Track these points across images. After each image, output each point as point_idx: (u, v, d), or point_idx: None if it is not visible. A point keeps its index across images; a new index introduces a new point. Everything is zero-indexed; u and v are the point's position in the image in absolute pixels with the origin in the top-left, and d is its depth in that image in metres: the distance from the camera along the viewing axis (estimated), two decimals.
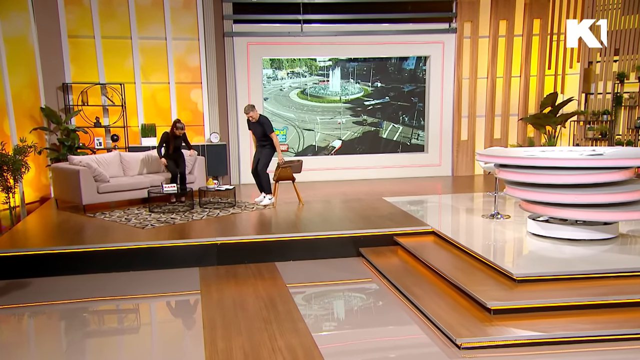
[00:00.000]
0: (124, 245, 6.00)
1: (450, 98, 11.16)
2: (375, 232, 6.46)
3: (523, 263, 5.19)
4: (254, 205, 8.11)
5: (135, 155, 8.92)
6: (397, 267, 5.71)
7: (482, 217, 6.95)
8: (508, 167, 5.80)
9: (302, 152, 10.96)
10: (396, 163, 11.22)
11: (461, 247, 5.60)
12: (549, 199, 5.47)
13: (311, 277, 5.79)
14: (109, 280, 5.72)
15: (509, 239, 5.88)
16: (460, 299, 4.65)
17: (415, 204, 8.38)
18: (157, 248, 6.03)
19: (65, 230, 6.76)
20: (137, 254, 6.00)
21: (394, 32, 10.77)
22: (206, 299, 5.08)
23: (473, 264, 5.22)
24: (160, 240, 6.11)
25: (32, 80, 9.09)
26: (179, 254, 6.08)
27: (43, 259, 5.82)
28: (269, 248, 6.26)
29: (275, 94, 10.76)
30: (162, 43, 10.17)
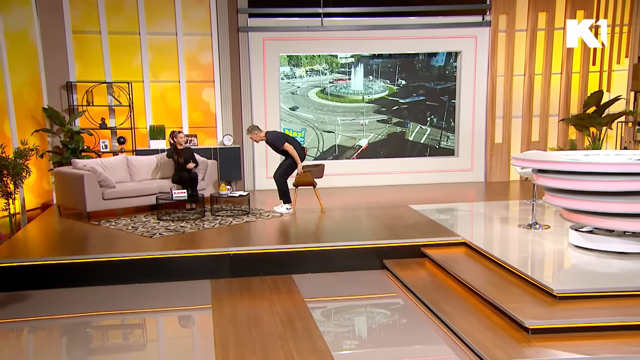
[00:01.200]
0: (130, 255, 6.05)
1: (483, 97, 11.07)
2: (400, 242, 6.43)
3: (564, 278, 5.12)
4: (269, 213, 8.12)
5: (143, 159, 9.01)
6: (424, 281, 5.67)
7: (519, 227, 6.88)
8: (547, 173, 5.73)
9: (321, 155, 10.96)
10: (424, 168, 11.16)
11: (495, 260, 5.54)
12: (593, 208, 5.38)
13: (331, 291, 5.76)
14: (113, 293, 5.76)
15: (548, 252, 5.80)
16: (494, 317, 4.59)
17: (444, 212, 8.32)
18: (165, 259, 6.07)
19: (67, 239, 6.84)
20: (144, 264, 6.03)
21: (422, 26, 10.73)
22: (218, 314, 5.08)
23: (508, 279, 5.16)
24: (169, 250, 6.15)
25: (34, 78, 9.25)
26: (189, 265, 6.10)
27: (44, 270, 5.88)
28: (286, 259, 6.25)
29: (288, 93, 10.78)
30: (173, 39, 10.27)
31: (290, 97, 10.79)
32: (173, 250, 6.16)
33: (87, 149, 9.62)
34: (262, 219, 7.79)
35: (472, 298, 5.05)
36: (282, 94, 10.71)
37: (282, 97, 10.71)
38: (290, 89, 10.77)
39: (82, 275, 5.94)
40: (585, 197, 5.42)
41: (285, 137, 8.13)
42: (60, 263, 5.92)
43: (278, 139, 8.02)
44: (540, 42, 10.97)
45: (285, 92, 10.74)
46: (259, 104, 10.53)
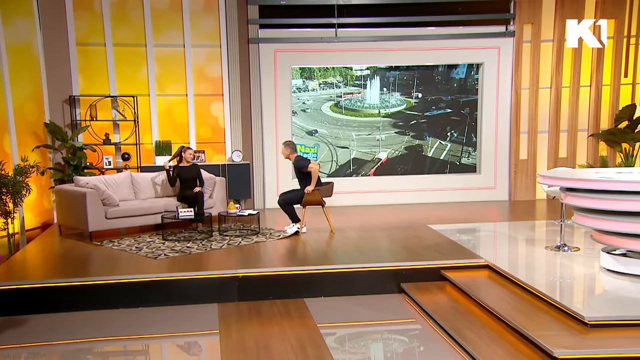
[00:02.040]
0: (134, 277, 6.06)
1: (506, 111, 11.04)
2: (419, 265, 6.40)
3: (596, 304, 5.06)
4: (280, 233, 8.12)
5: (148, 176, 9.07)
6: (445, 306, 5.63)
7: (546, 249, 6.82)
8: (576, 192, 5.68)
9: (334, 173, 10.97)
10: (443, 185, 11.12)
11: (521, 284, 5.49)
12: (626, 229, 5.32)
13: (345, 317, 5.74)
14: (116, 318, 5.77)
15: (578, 276, 5.74)
16: (520, 346, 4.54)
17: (466, 232, 8.28)
18: (170, 281, 6.07)
19: (68, 261, 6.88)
20: (148, 287, 6.04)
21: (442, 36, 10.77)
22: (225, 340, 5.06)
23: (535, 304, 5.11)
24: (175, 273, 6.16)
25: (36, 92, 9.38)
26: (195, 288, 6.10)
27: (43, 293, 5.90)
28: (297, 282, 6.23)
29: (298, 108, 10.83)
30: (180, 51, 10.39)
31: (303, 114, 10.83)
32: (179, 272, 6.17)
33: (89, 166, 9.70)
34: (273, 239, 7.78)
35: (497, 325, 5.00)
36: (302, 114, 10.76)
37: (303, 116, 10.76)
38: (297, 104, 10.82)
39: (83, 298, 5.96)
40: (618, 217, 5.36)
41: (310, 160, 8.16)
42: (60, 286, 5.94)
43: (303, 161, 8.08)
44: (567, 53, 10.95)
45: (297, 107, 10.79)
46: (270, 119, 10.58)
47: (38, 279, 6.06)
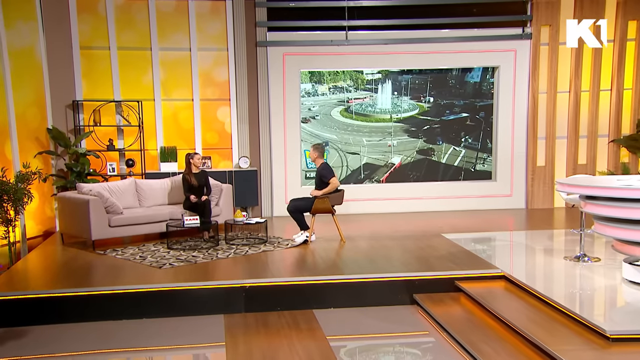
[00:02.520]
0: (138, 287, 6.07)
1: (523, 116, 11.01)
2: (432, 275, 6.38)
3: (618, 317, 5.02)
4: (288, 242, 8.11)
5: (153, 183, 9.11)
6: (459, 318, 5.61)
7: (565, 259, 6.77)
8: (597, 200, 5.64)
9: (345, 179, 10.96)
10: (458, 193, 11.10)
11: (539, 296, 5.46)
12: None
13: (356, 329, 5.71)
14: (119, 329, 5.77)
15: (599, 287, 5.71)
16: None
17: (481, 242, 8.26)
18: (175, 291, 6.08)
19: (71, 270, 6.90)
20: (152, 298, 6.04)
21: (456, 39, 10.77)
22: (232, 353, 5.05)
23: (554, 317, 5.07)
24: (180, 283, 6.16)
25: (39, 97, 9.45)
26: (201, 298, 6.10)
27: (45, 303, 5.92)
28: (306, 293, 6.22)
29: (307, 115, 10.85)
30: (186, 54, 10.45)
31: (314, 121, 10.84)
32: (184, 282, 6.17)
33: (93, 173, 9.75)
34: (281, 248, 7.78)
35: (513, 338, 4.96)
36: (313, 120, 10.78)
37: (314, 122, 10.78)
38: (303, 111, 10.83)
39: (85, 309, 5.97)
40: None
41: (334, 174, 8.18)
42: (62, 296, 5.95)
43: (328, 172, 8.13)
44: (587, 56, 10.90)
45: (305, 114, 10.81)
46: (278, 124, 10.61)
47: (40, 289, 6.08)
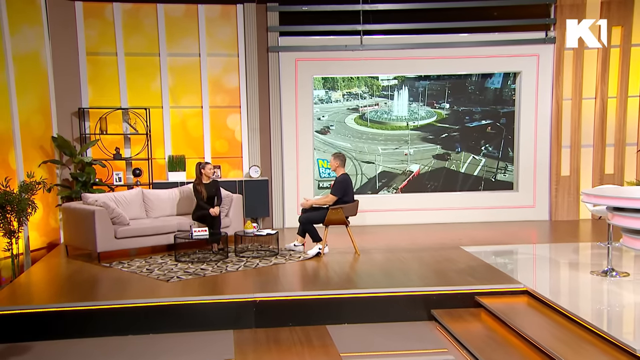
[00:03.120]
0: (144, 302, 6.08)
1: (547, 123, 10.96)
2: (451, 290, 6.36)
3: None
4: (300, 255, 8.11)
5: (161, 193, 9.14)
6: (479, 335, 5.58)
7: (592, 274, 6.72)
8: (625, 211, 5.60)
9: (360, 189, 10.94)
10: (477, 204, 11.05)
11: (564, 313, 5.43)
12: None
13: (371, 345, 5.69)
14: (125, 345, 5.78)
15: (628, 304, 5.66)
16: None
17: (502, 255, 8.22)
18: (183, 306, 6.08)
19: (75, 284, 6.93)
20: (159, 312, 6.05)
21: (476, 43, 10.75)
22: None
23: (580, 335, 5.04)
24: (188, 297, 6.17)
25: (44, 104, 9.54)
26: (210, 313, 6.10)
27: (48, 318, 5.94)
28: (319, 307, 6.21)
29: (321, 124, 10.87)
30: (195, 60, 10.51)
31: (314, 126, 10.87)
32: (192, 296, 6.18)
33: (99, 182, 9.81)
34: (293, 261, 7.77)
35: (537, 357, 4.92)
36: None
37: (333, 134, 10.80)
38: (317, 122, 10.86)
39: (90, 324, 5.99)
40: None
41: (344, 191, 8.18)
42: (66, 310, 5.97)
43: (338, 186, 8.17)
44: (614, 61, 10.84)
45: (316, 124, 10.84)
46: (290, 132, 10.63)
47: (43, 303, 6.12)
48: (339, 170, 8.30)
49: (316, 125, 10.81)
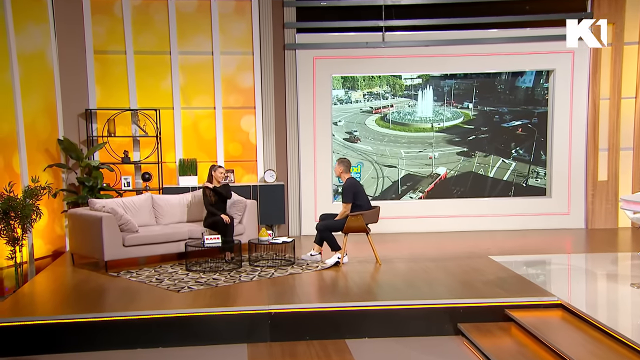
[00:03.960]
0: (153, 313, 6.10)
1: (582, 125, 10.86)
2: (479, 302, 6.34)
3: None
4: (318, 264, 8.10)
5: (171, 198, 9.20)
6: (510, 350, 5.55)
7: (632, 286, 6.67)
8: None
9: (381, 195, 10.92)
10: (507, 211, 10.98)
11: (601, 328, 5.39)
12: None
13: None
14: (133, 359, 5.80)
15: None
16: None
17: (534, 265, 8.18)
18: (194, 318, 6.10)
19: (81, 294, 6.98)
20: (169, 325, 6.07)
21: (506, 39, 10.69)
22: None
23: (618, 351, 4.99)
24: (199, 308, 6.18)
25: (49, 105, 9.63)
26: (222, 325, 6.11)
27: (53, 330, 5.97)
28: (338, 320, 6.20)
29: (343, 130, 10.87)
30: (208, 59, 10.56)
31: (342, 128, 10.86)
32: (204, 307, 6.19)
33: (106, 187, 9.88)
34: (310, 271, 7.77)
35: None
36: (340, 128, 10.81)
37: (337, 129, 10.80)
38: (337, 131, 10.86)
39: (97, 336, 6.01)
40: None
41: (355, 196, 8.18)
42: (72, 322, 6.00)
43: (347, 193, 8.17)
44: None
45: None
46: (308, 134, 10.64)
47: (48, 314, 6.15)
48: (343, 175, 8.31)
49: (337, 131, 10.81)
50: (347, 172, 8.34)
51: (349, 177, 8.31)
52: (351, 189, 8.18)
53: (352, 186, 8.22)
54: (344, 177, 8.31)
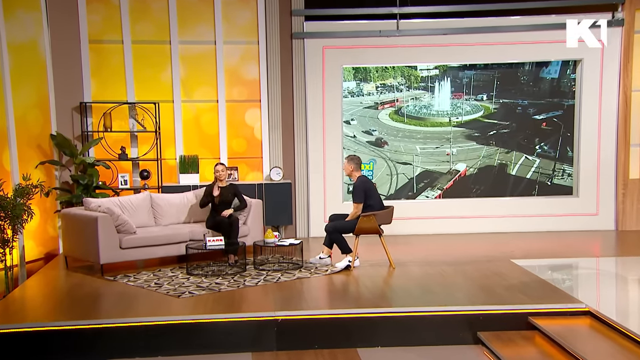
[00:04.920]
0: (152, 320, 6.10)
1: (612, 118, 10.83)
2: (500, 309, 6.32)
3: None
4: (327, 268, 8.10)
5: (171, 197, 9.22)
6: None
7: None
8: None
9: (395, 193, 10.91)
10: (530, 211, 10.97)
11: (633, 337, 5.36)
12: None
13: None
14: None
15: None
16: None
17: (559, 270, 8.18)
18: (195, 325, 6.09)
19: (75, 299, 7.00)
20: (169, 332, 6.07)
21: (529, 27, 10.66)
22: None
23: None
24: (201, 315, 6.19)
25: (42, 99, 9.66)
26: (225, 333, 6.11)
27: (46, 338, 5.97)
28: (349, 328, 6.20)
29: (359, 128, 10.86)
30: (211, 48, 10.57)
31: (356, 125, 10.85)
32: (206, 314, 6.20)
33: (102, 186, 9.90)
34: (319, 275, 7.77)
35: None
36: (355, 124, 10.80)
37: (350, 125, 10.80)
38: None
39: (92, 345, 6.01)
40: None
41: (366, 195, 8.17)
42: (65, 330, 6.00)
43: (357, 193, 8.16)
44: None
45: None
46: (317, 129, 10.65)
47: (40, 320, 6.16)
48: (354, 174, 8.30)
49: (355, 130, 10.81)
50: (358, 170, 8.33)
51: (360, 176, 8.30)
52: (362, 188, 8.17)
53: (363, 184, 8.21)
54: (355, 176, 8.30)
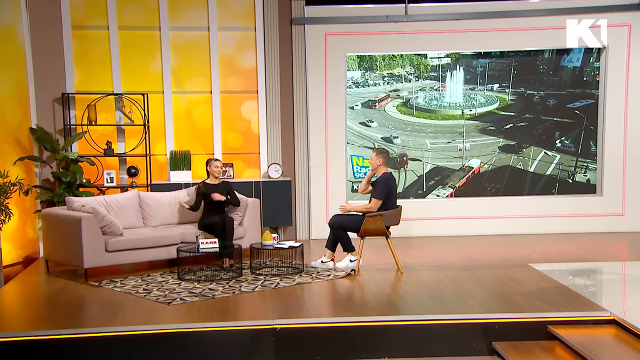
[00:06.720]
0: (141, 329, 6.10)
1: (639, 111, 10.81)
2: (517, 317, 6.32)
3: None
4: (330, 272, 8.10)
5: (161, 196, 9.21)
6: None
7: None
8: None
9: (403, 192, 10.91)
10: (550, 211, 10.97)
11: None
12: None
13: None
14: None
15: None
16: None
17: (582, 275, 8.19)
18: (187, 334, 6.09)
19: (57, 307, 6.98)
20: (158, 341, 6.07)
21: (549, 11, 10.64)
22: None
23: None
24: (193, 323, 6.18)
25: (20, 90, 9.65)
26: (220, 343, 6.12)
27: (24, 349, 5.96)
28: (353, 338, 6.21)
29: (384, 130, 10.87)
30: (204, 35, 10.56)
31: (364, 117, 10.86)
32: (198, 322, 6.20)
33: (86, 183, 9.87)
34: (320, 280, 7.77)
35: None
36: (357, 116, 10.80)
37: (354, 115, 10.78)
38: None
39: (75, 356, 6.01)
40: None
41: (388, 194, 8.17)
42: (46, 340, 5.99)
43: (379, 190, 8.15)
44: None
45: None
46: (318, 122, 10.64)
47: (18, 330, 6.16)
48: (380, 169, 8.27)
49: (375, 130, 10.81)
50: (385, 166, 8.30)
51: (386, 172, 8.29)
52: (387, 185, 8.15)
53: (389, 181, 8.20)
54: (380, 172, 8.26)
